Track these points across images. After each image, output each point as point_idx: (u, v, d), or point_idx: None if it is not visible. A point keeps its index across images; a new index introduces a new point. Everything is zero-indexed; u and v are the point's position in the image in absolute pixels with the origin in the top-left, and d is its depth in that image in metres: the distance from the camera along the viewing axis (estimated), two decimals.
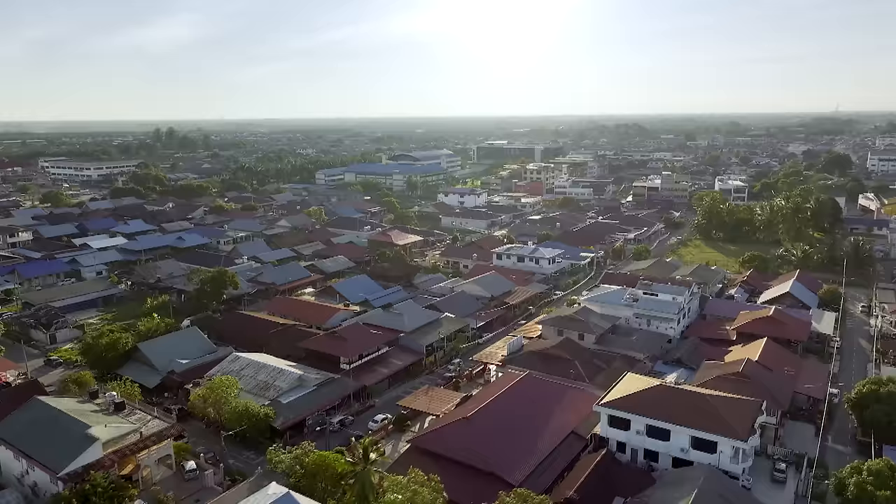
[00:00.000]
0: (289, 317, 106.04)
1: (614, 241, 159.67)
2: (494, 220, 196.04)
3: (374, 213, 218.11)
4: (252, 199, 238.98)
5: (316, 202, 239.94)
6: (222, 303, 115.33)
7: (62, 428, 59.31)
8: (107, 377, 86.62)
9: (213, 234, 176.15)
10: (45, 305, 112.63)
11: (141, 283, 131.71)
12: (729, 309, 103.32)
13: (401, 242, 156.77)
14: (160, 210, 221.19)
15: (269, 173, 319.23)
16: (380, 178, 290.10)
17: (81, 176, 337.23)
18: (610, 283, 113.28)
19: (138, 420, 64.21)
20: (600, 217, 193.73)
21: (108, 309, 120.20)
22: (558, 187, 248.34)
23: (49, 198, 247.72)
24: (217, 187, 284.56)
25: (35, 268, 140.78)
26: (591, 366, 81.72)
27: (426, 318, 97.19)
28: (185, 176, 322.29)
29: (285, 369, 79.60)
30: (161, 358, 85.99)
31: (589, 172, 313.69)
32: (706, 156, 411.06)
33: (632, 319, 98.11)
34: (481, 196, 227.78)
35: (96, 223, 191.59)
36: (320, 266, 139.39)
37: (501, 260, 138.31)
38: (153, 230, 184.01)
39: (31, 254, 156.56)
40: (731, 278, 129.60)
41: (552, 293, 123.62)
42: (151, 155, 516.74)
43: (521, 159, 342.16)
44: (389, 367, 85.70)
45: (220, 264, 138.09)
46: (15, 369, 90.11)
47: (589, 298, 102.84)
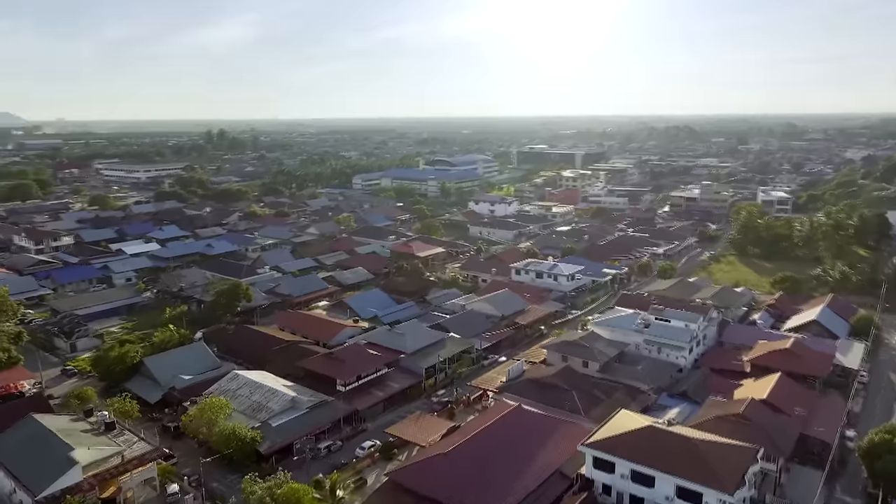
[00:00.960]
0: (298, 332, 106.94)
1: (641, 257, 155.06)
2: (522, 231, 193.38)
3: (403, 221, 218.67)
4: (286, 205, 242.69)
5: (349, 208, 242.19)
6: (236, 315, 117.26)
7: (48, 449, 61.02)
8: (113, 390, 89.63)
9: (242, 241, 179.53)
10: (70, 313, 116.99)
11: (165, 291, 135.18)
12: (748, 336, 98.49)
13: (422, 254, 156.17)
14: (197, 215, 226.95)
15: (309, 177, 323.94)
16: (415, 183, 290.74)
17: (131, 178, 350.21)
18: (625, 304, 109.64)
19: (125, 441, 65.55)
20: (630, 229, 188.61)
21: (131, 317, 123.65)
22: (593, 196, 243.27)
23: (96, 200, 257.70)
24: (257, 191, 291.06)
25: (69, 273, 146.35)
26: (590, 397, 79.06)
27: (429, 338, 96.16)
28: (228, 179, 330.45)
29: (279, 390, 79.97)
30: (164, 373, 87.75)
31: (628, 179, 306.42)
32: (756, 161, 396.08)
33: (642, 346, 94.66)
34: (512, 204, 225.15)
35: (135, 228, 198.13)
36: (338, 277, 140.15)
37: (520, 275, 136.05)
38: (186, 236, 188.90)
39: (70, 258, 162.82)
40: (760, 300, 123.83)
41: (567, 313, 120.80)
42: (202, 156, 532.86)
43: (559, 165, 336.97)
44: (385, 390, 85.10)
45: (242, 274, 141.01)
46: (32, 378, 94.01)
47: (598, 322, 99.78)
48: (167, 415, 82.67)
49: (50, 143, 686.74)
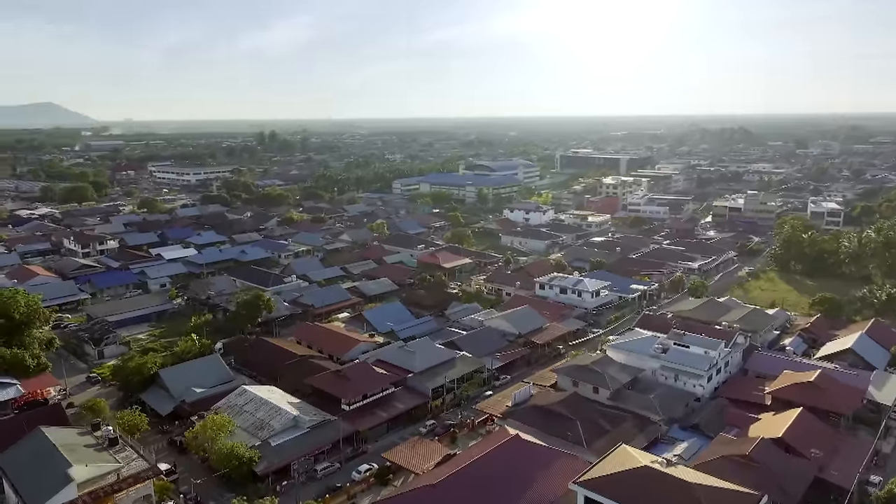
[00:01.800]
0: (314, 345, 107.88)
1: (674, 272, 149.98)
2: (555, 242, 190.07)
3: (437, 229, 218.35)
4: (324, 210, 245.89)
5: (385, 214, 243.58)
6: (258, 325, 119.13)
7: (50, 464, 63.08)
8: (131, 400, 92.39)
9: (275, 247, 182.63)
10: (101, 319, 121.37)
11: (194, 298, 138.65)
12: (774, 365, 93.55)
13: (447, 265, 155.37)
14: (238, 219, 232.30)
15: (350, 181, 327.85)
16: (453, 189, 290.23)
17: (182, 180, 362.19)
18: (646, 326, 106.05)
19: (125, 458, 67.15)
20: (666, 241, 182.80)
21: (160, 324, 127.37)
22: (632, 204, 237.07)
23: (145, 203, 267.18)
24: (299, 194, 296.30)
25: (107, 278, 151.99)
26: (595, 427, 76.63)
27: (439, 357, 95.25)
28: (272, 182, 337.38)
29: (282, 408, 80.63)
30: (177, 385, 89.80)
31: (673, 186, 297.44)
32: (813, 167, 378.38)
33: (658, 372, 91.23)
34: (547, 213, 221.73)
35: (176, 232, 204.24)
36: (362, 288, 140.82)
37: (544, 290, 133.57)
38: (223, 241, 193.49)
39: (112, 263, 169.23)
40: (796, 323, 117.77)
41: (588, 331, 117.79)
42: (252, 158, 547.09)
43: (602, 171, 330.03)
44: (389, 410, 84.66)
45: (269, 283, 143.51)
46: (59, 385, 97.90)
47: (614, 345, 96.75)
48: (177, 428, 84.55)
49: (113, 145, 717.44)
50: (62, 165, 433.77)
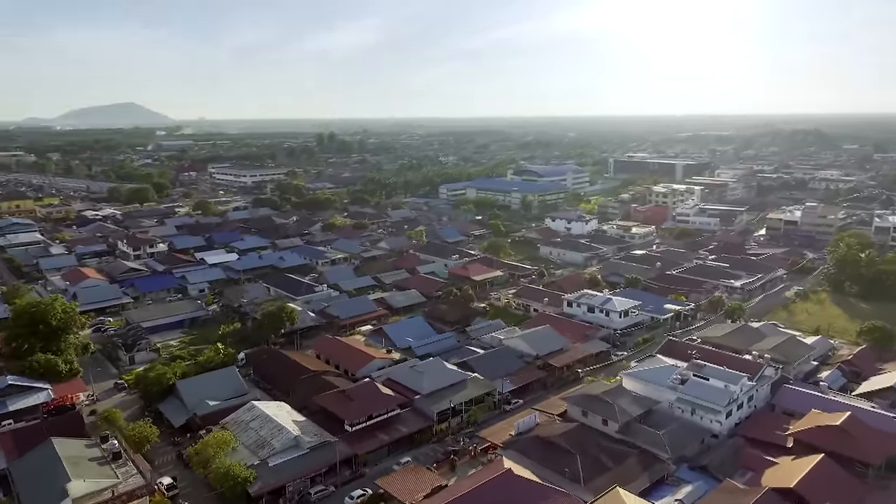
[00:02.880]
0: (331, 359, 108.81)
1: (714, 291, 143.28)
2: (595, 254, 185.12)
3: (477, 237, 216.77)
4: (367, 216, 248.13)
5: (427, 221, 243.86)
6: (283, 336, 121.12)
7: (51, 477, 65.97)
8: (150, 409, 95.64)
9: (313, 254, 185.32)
10: (136, 325, 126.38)
11: (227, 305, 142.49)
12: (804, 401, 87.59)
13: (478, 277, 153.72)
14: (284, 224, 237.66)
15: (398, 185, 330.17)
16: (499, 195, 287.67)
17: (239, 182, 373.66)
18: (669, 353, 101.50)
19: (125, 473, 69.54)
20: (711, 256, 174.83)
21: (192, 331, 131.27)
22: (681, 214, 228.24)
23: (199, 205, 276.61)
24: (347, 198, 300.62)
25: (150, 282, 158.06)
26: (596, 463, 73.81)
27: (448, 379, 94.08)
28: (323, 186, 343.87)
29: (284, 427, 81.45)
30: (192, 397, 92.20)
31: (729, 195, 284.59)
32: (891, 174, 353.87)
33: (675, 405, 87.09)
34: (590, 223, 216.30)
35: (222, 236, 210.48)
36: (389, 300, 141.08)
37: (572, 308, 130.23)
38: (265, 247, 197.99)
39: (158, 266, 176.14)
40: (840, 353, 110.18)
41: (611, 354, 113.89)
42: (310, 159, 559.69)
43: (654, 178, 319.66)
44: (391, 433, 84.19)
45: (300, 291, 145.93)
46: (87, 391, 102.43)
47: (630, 373, 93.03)
48: (188, 440, 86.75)
49: (182, 145, 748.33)
50: (132, 166, 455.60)
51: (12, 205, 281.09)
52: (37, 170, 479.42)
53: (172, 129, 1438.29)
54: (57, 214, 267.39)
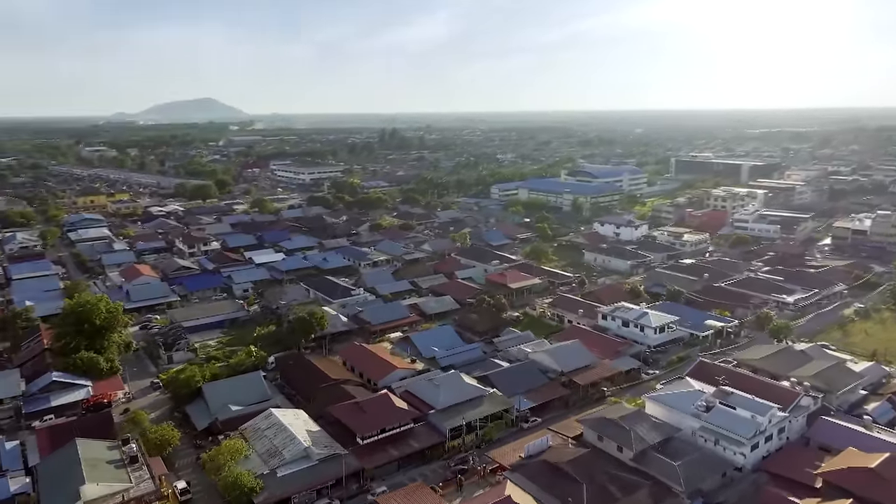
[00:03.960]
0: (356, 367, 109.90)
1: (763, 306, 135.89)
2: (641, 262, 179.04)
3: (522, 240, 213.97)
4: (415, 216, 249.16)
5: (474, 222, 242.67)
6: (313, 340, 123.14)
7: (69, 478, 69.46)
8: (178, 410, 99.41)
9: (356, 255, 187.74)
10: (177, 324, 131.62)
11: (266, 307, 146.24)
12: (842, 437, 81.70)
13: (514, 285, 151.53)
14: (334, 223, 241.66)
15: (450, 185, 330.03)
16: (551, 196, 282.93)
17: (298, 179, 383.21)
18: (700, 376, 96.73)
19: (138, 477, 72.47)
20: (763, 269, 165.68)
21: (231, 332, 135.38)
22: (739, 221, 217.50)
23: (256, 203, 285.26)
24: (400, 197, 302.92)
25: (197, 281, 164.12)
26: (603, 494, 71.31)
27: (465, 394, 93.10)
28: (377, 184, 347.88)
29: (297, 437, 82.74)
30: (216, 401, 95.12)
31: (797, 199, 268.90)
32: None
33: (698, 433, 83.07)
34: (639, 228, 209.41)
35: (272, 235, 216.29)
36: (422, 306, 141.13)
37: (606, 321, 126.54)
38: (311, 247, 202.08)
39: (208, 265, 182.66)
40: (894, 382, 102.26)
41: (642, 373, 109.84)
42: (370, 156, 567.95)
43: (715, 180, 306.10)
44: (402, 448, 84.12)
45: (336, 295, 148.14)
46: (126, 389, 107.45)
47: (653, 397, 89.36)
48: (209, 444, 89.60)
49: (251, 140, 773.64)
50: (200, 162, 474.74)
51: (87, 200, 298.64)
52: (116, 165, 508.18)
53: (245, 123, 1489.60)
54: (125, 210, 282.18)
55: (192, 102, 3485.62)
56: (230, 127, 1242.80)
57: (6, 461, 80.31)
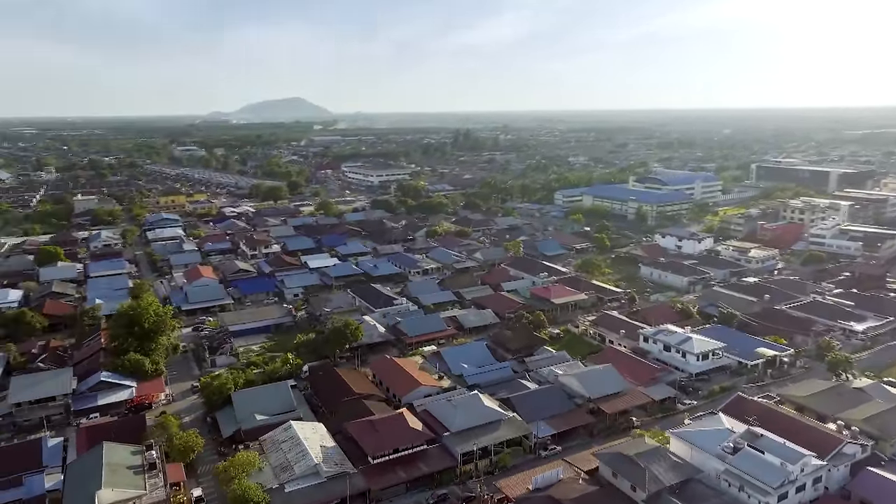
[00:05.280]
0: (384, 381, 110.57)
1: (826, 333, 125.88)
2: (700, 278, 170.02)
3: (579, 251, 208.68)
4: (472, 223, 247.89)
5: (531, 230, 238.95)
6: (347, 350, 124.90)
7: (89, 481, 73.55)
8: (210, 415, 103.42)
9: (407, 262, 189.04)
10: (224, 328, 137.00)
11: (311, 314, 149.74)
12: (889, 492, 74.24)
13: (558, 300, 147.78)
14: (392, 228, 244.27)
15: (514, 189, 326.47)
16: (616, 203, 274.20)
17: (367, 182, 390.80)
18: (735, 412, 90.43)
19: (153, 485, 75.91)
20: (833, 291, 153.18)
21: (274, 337, 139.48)
22: (816, 236, 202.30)
23: (322, 206, 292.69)
24: (461, 201, 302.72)
25: (251, 285, 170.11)
26: None
27: (482, 417, 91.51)
28: (442, 188, 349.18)
29: (309, 453, 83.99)
30: (243, 410, 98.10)
31: (889, 213, 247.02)
32: None
33: (722, 476, 77.83)
34: (703, 241, 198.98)
35: (329, 240, 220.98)
36: (461, 319, 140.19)
37: (648, 344, 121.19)
38: (365, 252, 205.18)
39: (265, 268, 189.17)
40: None
41: (679, 403, 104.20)
42: (442, 157, 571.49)
43: (796, 189, 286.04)
44: (411, 470, 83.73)
45: (379, 304, 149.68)
46: (168, 391, 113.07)
47: (678, 433, 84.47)
48: (233, 451, 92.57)
49: (329, 141, 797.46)
50: (277, 162, 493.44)
51: (168, 200, 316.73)
52: (202, 165, 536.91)
53: (328, 123, 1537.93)
54: (202, 210, 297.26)
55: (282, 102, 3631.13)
56: (314, 126, 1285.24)
57: (47, 457, 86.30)
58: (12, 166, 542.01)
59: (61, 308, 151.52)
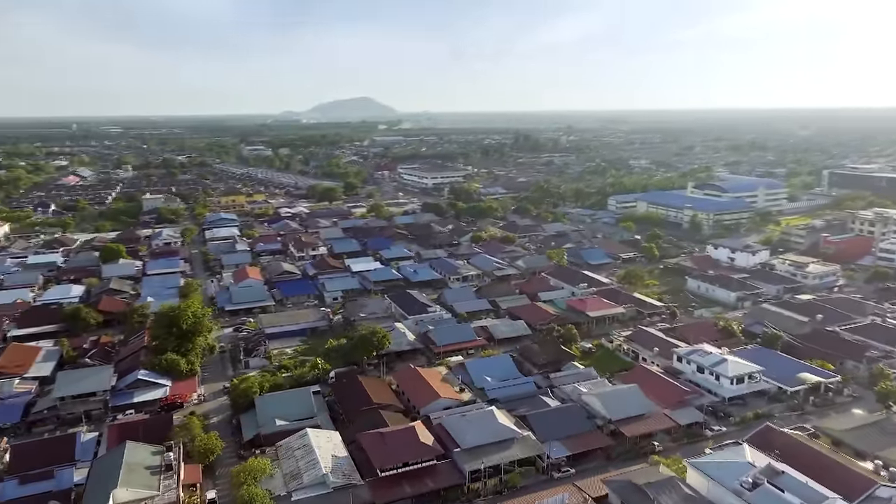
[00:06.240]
0: (405, 391, 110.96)
1: (882, 360, 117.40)
2: (753, 293, 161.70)
3: (626, 260, 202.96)
4: (520, 229, 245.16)
5: (578, 237, 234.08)
6: (374, 357, 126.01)
7: (108, 480, 77.18)
8: (234, 417, 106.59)
9: (447, 268, 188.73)
10: (260, 330, 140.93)
11: (346, 318, 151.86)
12: None
13: (593, 313, 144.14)
14: (439, 232, 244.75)
15: (567, 194, 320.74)
16: (671, 211, 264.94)
17: (421, 183, 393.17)
18: (763, 443, 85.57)
19: (166, 486, 78.98)
20: None
21: (309, 341, 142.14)
22: (886, 251, 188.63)
23: (373, 208, 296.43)
24: (512, 205, 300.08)
25: (293, 287, 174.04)
26: None
27: (495, 434, 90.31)
28: (495, 191, 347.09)
29: (319, 462, 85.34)
30: (264, 414, 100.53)
31: None
32: None
33: None
34: (758, 253, 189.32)
35: (374, 243, 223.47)
36: (492, 329, 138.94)
37: (681, 364, 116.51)
38: (409, 257, 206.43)
39: (310, 271, 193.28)
40: None
41: (706, 428, 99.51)
42: (500, 159, 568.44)
43: (869, 198, 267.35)
44: (418, 486, 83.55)
45: (413, 311, 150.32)
46: (200, 391, 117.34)
47: (695, 463, 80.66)
48: (252, 455, 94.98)
49: (391, 141, 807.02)
50: (338, 163, 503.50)
51: (229, 199, 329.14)
52: (267, 164, 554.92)
53: (392, 123, 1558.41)
54: (259, 210, 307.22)
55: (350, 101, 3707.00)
56: (379, 126, 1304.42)
57: (80, 452, 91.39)
58: (95, 164, 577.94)
59: (116, 305, 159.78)
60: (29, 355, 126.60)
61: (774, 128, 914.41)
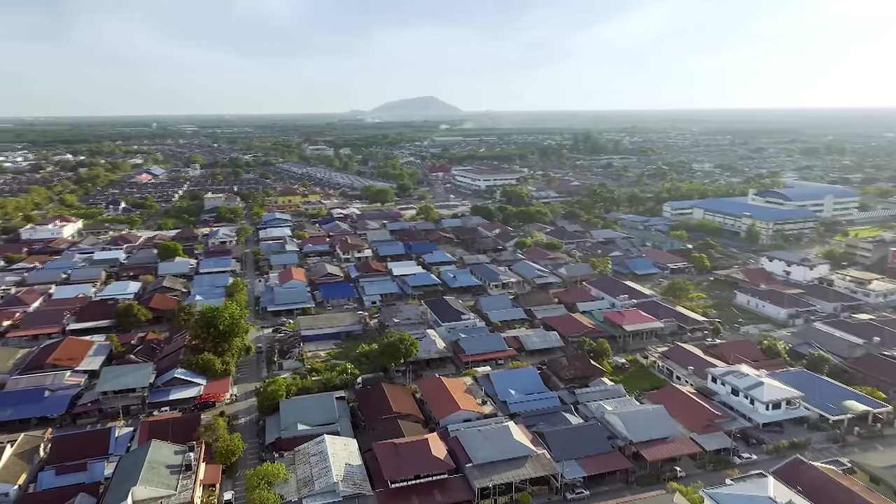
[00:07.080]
0: (427, 401, 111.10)
1: None
2: (804, 311, 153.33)
3: (674, 271, 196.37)
4: (567, 235, 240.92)
5: (626, 245, 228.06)
6: (402, 364, 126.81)
7: (129, 476, 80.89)
8: (261, 420, 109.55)
9: (488, 275, 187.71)
10: (296, 332, 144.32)
11: (381, 323, 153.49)
12: None
13: (629, 327, 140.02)
14: (484, 237, 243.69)
15: (620, 199, 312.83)
16: (728, 219, 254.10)
17: (473, 186, 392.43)
18: (791, 477, 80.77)
19: (183, 486, 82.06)
20: None
21: (342, 344, 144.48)
22: None
23: (422, 210, 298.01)
24: (562, 210, 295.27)
25: (333, 290, 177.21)
26: None
27: (508, 451, 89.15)
28: (546, 195, 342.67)
29: (332, 470, 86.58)
30: (288, 419, 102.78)
31: None
32: None
33: None
34: (817, 267, 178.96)
35: (418, 247, 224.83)
36: (523, 340, 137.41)
37: (715, 384, 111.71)
38: (450, 262, 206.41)
39: (352, 273, 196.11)
40: None
41: (734, 455, 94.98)
42: (558, 161, 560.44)
43: None
44: (427, 500, 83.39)
45: (446, 318, 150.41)
46: (233, 391, 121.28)
47: (713, 494, 77.08)
48: (272, 458, 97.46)
49: (449, 141, 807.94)
50: (395, 164, 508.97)
51: (286, 199, 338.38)
52: (326, 164, 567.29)
53: (455, 122, 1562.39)
54: (313, 210, 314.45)
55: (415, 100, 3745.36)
56: (440, 126, 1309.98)
57: (113, 447, 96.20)
58: (168, 162, 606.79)
59: (167, 302, 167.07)
60: (82, 349, 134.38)
61: (857, 129, 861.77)
